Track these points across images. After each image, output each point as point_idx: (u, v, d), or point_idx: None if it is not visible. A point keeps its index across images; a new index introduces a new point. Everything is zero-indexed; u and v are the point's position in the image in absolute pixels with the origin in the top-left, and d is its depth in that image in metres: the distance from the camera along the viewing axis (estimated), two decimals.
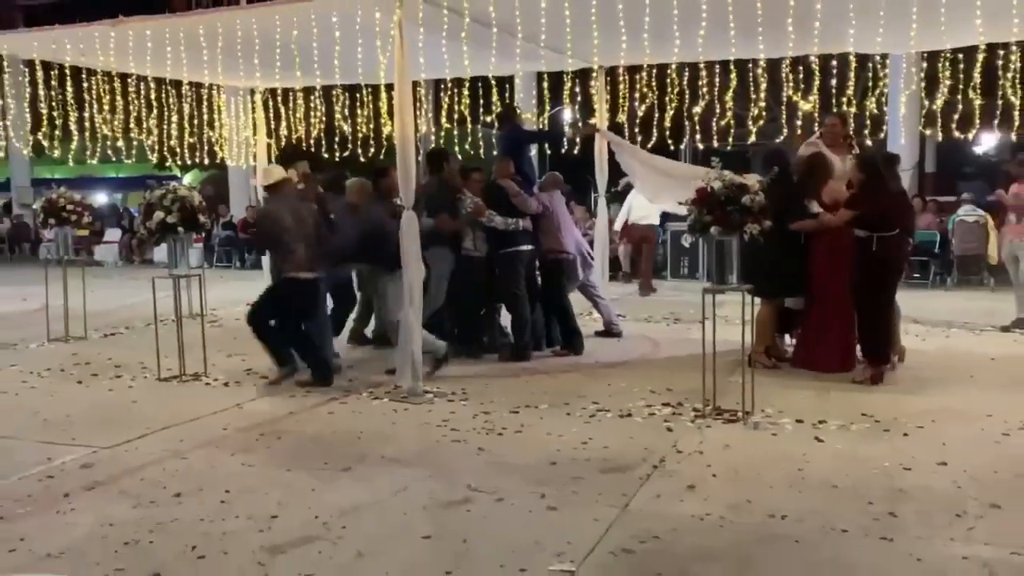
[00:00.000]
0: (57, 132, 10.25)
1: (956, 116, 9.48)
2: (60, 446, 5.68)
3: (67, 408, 6.78)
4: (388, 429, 6.13)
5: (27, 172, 23.75)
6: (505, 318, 8.68)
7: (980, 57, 8.49)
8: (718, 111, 9.64)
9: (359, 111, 10.77)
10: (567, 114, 13.01)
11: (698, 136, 10.94)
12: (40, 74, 9.65)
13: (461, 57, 8.42)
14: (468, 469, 5.14)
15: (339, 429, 6.14)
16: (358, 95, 10.77)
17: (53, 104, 9.89)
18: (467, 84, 10.53)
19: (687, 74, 9.57)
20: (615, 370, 7.91)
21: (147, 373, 7.82)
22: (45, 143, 10.35)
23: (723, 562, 3.82)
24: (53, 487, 4.92)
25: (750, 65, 9.05)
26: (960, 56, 8.72)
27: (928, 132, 11.34)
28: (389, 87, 8.45)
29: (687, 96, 9.76)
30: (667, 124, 10.03)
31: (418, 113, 8.71)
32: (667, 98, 9.84)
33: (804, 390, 6.90)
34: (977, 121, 9.47)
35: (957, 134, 9.82)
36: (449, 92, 10.53)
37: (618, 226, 13.85)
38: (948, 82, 8.93)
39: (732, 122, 9.98)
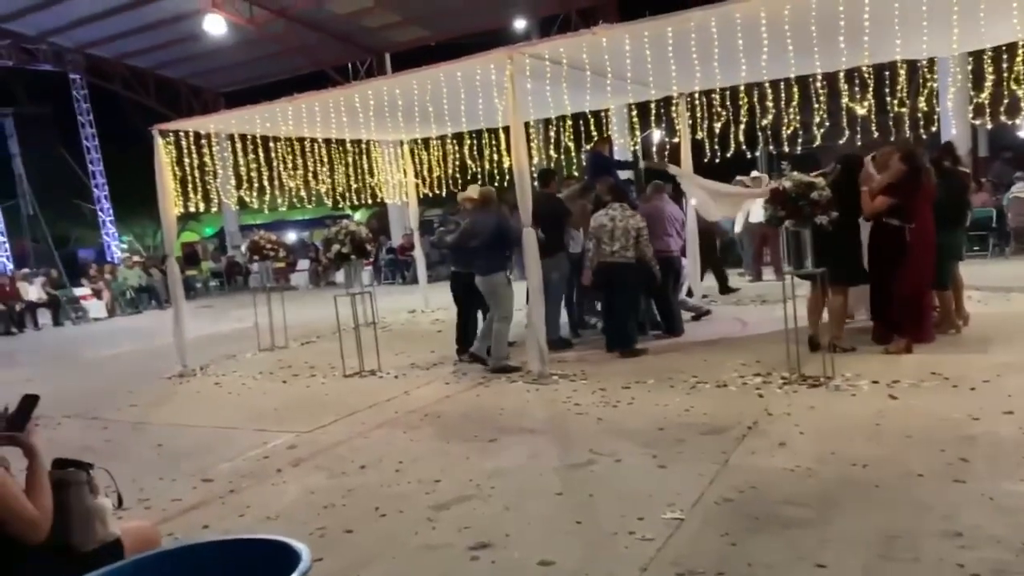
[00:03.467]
0: (255, 187, 10.83)
1: (1003, 106, 8.76)
2: (271, 432, 5.99)
3: (275, 402, 7.14)
4: (523, 406, 6.19)
5: (235, 221, 25.11)
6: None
7: (1021, 51, 7.83)
8: (785, 121, 9.28)
9: (484, 150, 10.94)
10: (656, 135, 12.76)
11: (770, 144, 10.62)
12: (238, 144, 10.21)
13: (562, 98, 8.41)
14: (590, 436, 5.13)
15: (484, 408, 6.24)
16: (482, 137, 10.94)
17: (250, 166, 10.46)
18: (569, 119, 10.51)
19: (755, 92, 9.25)
20: (711, 347, 7.73)
21: (335, 371, 8.13)
22: (246, 197, 10.95)
23: (811, 505, 3.68)
24: (268, 464, 5.19)
25: (810, 79, 8.63)
26: (1003, 51, 8.08)
27: (978, 122, 10.54)
28: (506, 129, 8.53)
29: (757, 111, 9.44)
30: (741, 138, 9.67)
31: (531, 147, 8.74)
32: (741, 113, 9.50)
33: (878, 356, 6.54)
34: (1023, 107, 8.78)
35: (1005, 120, 9.07)
36: (554, 127, 10.54)
37: (739, 228, 13.49)
38: (992, 76, 8.27)
39: (800, 129, 9.59)
